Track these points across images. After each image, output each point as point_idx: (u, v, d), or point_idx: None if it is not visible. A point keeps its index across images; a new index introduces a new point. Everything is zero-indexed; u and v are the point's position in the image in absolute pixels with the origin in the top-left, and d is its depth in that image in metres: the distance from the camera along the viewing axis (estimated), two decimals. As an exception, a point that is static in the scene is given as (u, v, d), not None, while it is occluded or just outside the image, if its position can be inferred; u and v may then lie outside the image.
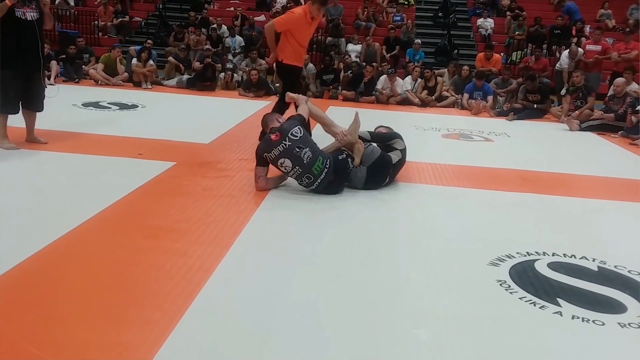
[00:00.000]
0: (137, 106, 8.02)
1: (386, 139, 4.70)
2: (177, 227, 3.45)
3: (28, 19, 4.97)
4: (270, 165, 4.27)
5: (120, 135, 6.00)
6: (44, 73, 5.33)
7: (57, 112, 6.53)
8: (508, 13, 14.61)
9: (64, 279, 2.72)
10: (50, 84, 9.19)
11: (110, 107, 7.77)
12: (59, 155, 4.98)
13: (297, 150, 4.11)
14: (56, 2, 14.53)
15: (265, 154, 4.21)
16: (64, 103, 7.56)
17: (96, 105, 7.84)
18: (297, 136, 4.15)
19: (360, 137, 4.49)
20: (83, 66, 10.65)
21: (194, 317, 2.42)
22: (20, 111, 5.22)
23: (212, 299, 2.58)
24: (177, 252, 3.08)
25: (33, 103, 5.21)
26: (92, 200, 3.76)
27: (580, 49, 10.63)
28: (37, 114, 5.31)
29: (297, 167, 4.14)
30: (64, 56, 10.51)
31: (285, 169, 4.20)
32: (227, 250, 3.14)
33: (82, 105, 7.70)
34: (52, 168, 4.63)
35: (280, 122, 4.35)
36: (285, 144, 4.11)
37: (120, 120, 6.99)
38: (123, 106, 7.92)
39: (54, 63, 9.89)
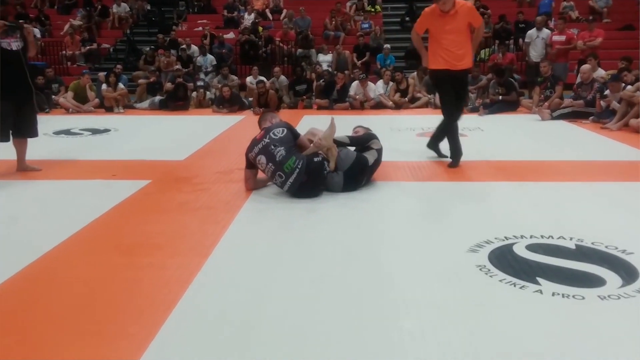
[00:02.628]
0: (110, 130, 7.95)
1: (364, 141, 4.72)
2: (154, 242, 3.41)
3: (13, 49, 4.98)
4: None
5: (93, 159, 5.93)
6: (35, 99, 5.34)
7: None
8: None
9: (40, 300, 2.66)
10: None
11: (82, 133, 7.69)
12: (31, 183, 4.89)
13: (272, 147, 4.24)
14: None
15: (249, 154, 4.36)
16: (34, 133, 7.47)
17: (67, 132, 7.75)
18: (277, 136, 4.29)
19: (338, 142, 4.50)
20: (53, 96, 10.54)
21: (173, 328, 2.37)
22: (11, 141, 5.21)
23: (191, 310, 2.54)
24: (154, 266, 3.03)
25: (27, 130, 5.24)
26: (65, 223, 3.70)
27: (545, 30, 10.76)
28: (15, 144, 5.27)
29: (270, 164, 4.24)
30: (32, 87, 10.38)
31: (262, 166, 4.33)
32: (205, 260, 3.10)
33: (53, 133, 7.60)
34: (24, 196, 4.54)
35: (271, 123, 4.54)
36: (264, 141, 4.28)
37: (92, 144, 6.92)
38: (95, 131, 7.84)
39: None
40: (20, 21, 5.45)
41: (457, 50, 5.15)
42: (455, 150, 5.43)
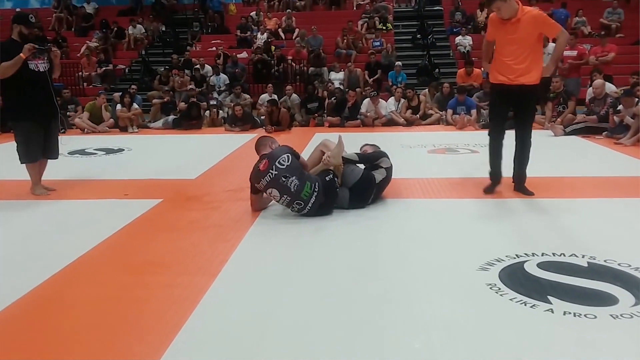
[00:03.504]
0: (123, 150, 8.05)
1: (373, 159, 4.71)
2: (163, 261, 3.42)
3: (40, 70, 5.09)
4: None
5: (106, 179, 6.00)
6: (59, 121, 5.46)
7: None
8: (483, 32, 14.78)
9: (49, 319, 2.68)
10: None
11: (97, 153, 7.79)
12: (44, 203, 4.94)
13: (284, 179, 4.11)
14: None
15: (255, 183, 4.27)
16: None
17: (82, 152, 7.85)
18: (284, 165, 4.13)
19: (347, 160, 4.51)
20: (69, 116, 10.71)
21: (179, 348, 2.37)
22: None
23: (199, 329, 2.53)
24: (162, 285, 3.04)
25: (51, 151, 5.33)
26: (76, 243, 3.72)
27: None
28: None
29: (285, 196, 4.15)
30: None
31: (275, 199, 4.24)
32: (214, 278, 3.10)
33: (67, 154, 7.67)
34: (37, 216, 4.58)
35: (272, 148, 4.36)
36: (272, 174, 4.12)
37: (106, 164, 7.00)
38: (109, 151, 7.94)
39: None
40: (49, 44, 5.57)
41: (517, 64, 4.54)
42: (495, 174, 4.90)
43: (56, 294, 2.99)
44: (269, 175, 4.13)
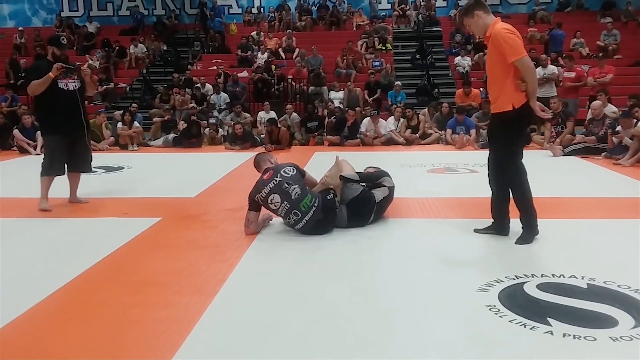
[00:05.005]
0: (123, 167, 8.06)
1: (375, 178, 4.72)
2: (161, 280, 3.40)
3: (70, 88, 5.27)
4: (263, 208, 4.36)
5: (105, 197, 5.99)
6: (89, 137, 5.64)
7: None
8: (484, 51, 14.88)
9: (45, 340, 2.66)
10: (37, 154, 9.27)
11: (96, 171, 7.74)
12: (44, 221, 4.94)
13: (287, 185, 4.20)
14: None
15: (257, 195, 4.29)
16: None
17: (82, 170, 7.83)
18: (288, 174, 4.28)
19: (348, 179, 4.51)
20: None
21: (176, 368, 2.35)
22: (66, 174, 5.51)
23: (196, 350, 2.52)
24: (160, 304, 3.02)
25: (80, 165, 5.55)
26: (74, 262, 3.71)
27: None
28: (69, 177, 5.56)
29: (285, 203, 4.19)
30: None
31: (275, 206, 4.24)
32: (212, 299, 3.09)
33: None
34: (36, 234, 4.57)
35: (272, 163, 4.51)
36: (276, 180, 4.24)
37: (105, 182, 7.00)
38: (109, 169, 7.95)
39: (39, 134, 9.96)
40: (78, 63, 5.75)
41: (490, 88, 4.02)
42: (526, 226, 4.06)
43: (53, 314, 2.97)
44: (273, 182, 4.23)
